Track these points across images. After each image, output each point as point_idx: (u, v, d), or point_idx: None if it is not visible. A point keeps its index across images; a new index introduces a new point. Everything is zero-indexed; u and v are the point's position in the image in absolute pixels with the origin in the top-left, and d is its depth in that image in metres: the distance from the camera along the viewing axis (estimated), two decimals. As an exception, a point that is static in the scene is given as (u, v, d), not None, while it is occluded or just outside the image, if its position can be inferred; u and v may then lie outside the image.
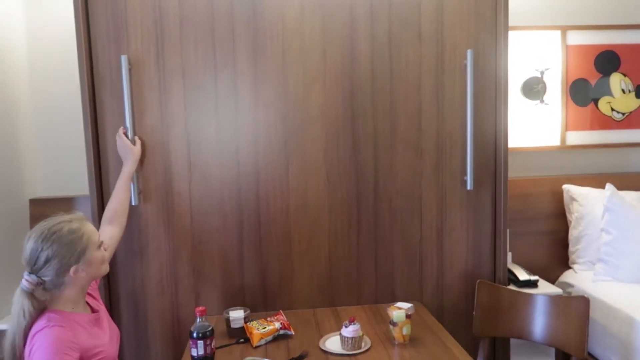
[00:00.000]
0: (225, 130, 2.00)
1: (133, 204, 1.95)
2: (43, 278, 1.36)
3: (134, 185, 1.93)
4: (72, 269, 1.38)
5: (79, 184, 2.45)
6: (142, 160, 1.97)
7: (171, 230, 2.01)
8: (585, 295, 1.84)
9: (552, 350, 2.31)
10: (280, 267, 2.07)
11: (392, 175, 2.09)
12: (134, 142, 1.91)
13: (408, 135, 2.09)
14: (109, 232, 1.74)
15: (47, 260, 1.35)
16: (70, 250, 1.37)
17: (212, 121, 2.00)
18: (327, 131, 2.05)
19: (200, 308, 1.49)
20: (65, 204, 2.37)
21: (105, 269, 1.52)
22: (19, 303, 1.36)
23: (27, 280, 1.35)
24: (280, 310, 1.97)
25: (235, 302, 2.05)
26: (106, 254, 1.52)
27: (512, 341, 2.42)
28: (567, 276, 2.55)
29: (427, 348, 1.69)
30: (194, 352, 1.46)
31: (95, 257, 1.44)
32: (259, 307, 2.07)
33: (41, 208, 2.36)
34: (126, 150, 1.88)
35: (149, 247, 2.00)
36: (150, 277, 2.01)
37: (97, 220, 1.90)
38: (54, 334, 1.30)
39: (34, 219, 2.35)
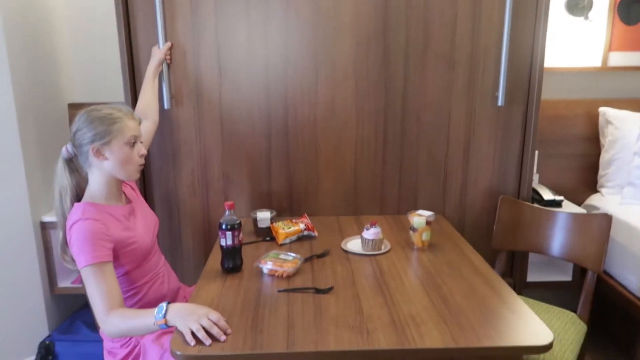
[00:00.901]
0: (255, 37, 2.00)
1: (165, 107, 2.01)
2: (75, 151, 1.48)
3: (166, 89, 1.98)
4: (92, 147, 1.44)
5: (114, 91, 2.51)
6: (173, 65, 2.00)
7: (202, 135, 2.07)
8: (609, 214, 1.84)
9: (569, 267, 2.35)
10: (307, 175, 2.13)
11: (422, 88, 2.07)
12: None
13: (441, 48, 2.04)
14: (143, 127, 1.82)
15: (76, 131, 1.46)
16: (96, 128, 1.44)
17: (243, 28, 1.99)
18: (358, 41, 2.02)
19: (229, 202, 1.57)
20: (101, 109, 2.44)
21: (132, 171, 1.51)
22: (58, 178, 1.50)
23: (66, 148, 1.49)
24: (305, 214, 2.05)
25: (262, 206, 2.14)
26: (138, 157, 1.52)
27: (529, 258, 2.46)
28: (593, 199, 2.54)
29: (445, 254, 1.75)
30: (222, 242, 1.56)
31: (122, 149, 1.46)
32: (284, 212, 2.16)
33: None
34: (152, 51, 1.93)
35: (181, 151, 2.08)
36: (182, 179, 2.11)
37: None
38: (87, 227, 1.39)
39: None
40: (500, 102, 2.07)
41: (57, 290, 2.26)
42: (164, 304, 1.29)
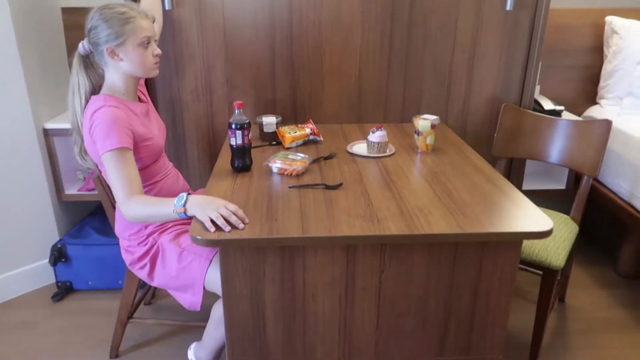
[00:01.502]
0: None
1: (167, 8, 1.95)
2: (91, 48, 1.47)
3: (166, -13, 1.91)
4: (107, 48, 1.43)
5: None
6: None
7: (205, 39, 2.03)
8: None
9: (563, 176, 2.42)
10: (311, 82, 2.12)
11: (430, -9, 2.02)
12: None
13: (450, -53, 1.97)
14: None
15: (90, 29, 1.44)
16: (110, 27, 1.42)
17: None
18: (365, -63, 1.93)
19: (238, 102, 1.57)
20: (96, 14, 2.36)
21: (148, 69, 1.51)
22: (74, 75, 1.50)
23: (82, 45, 1.49)
24: (310, 119, 2.06)
25: (266, 113, 2.14)
26: (152, 57, 1.50)
27: (526, 167, 2.53)
28: (592, 111, 2.57)
29: (449, 156, 1.79)
30: (232, 142, 1.58)
31: (136, 50, 1.46)
32: (289, 120, 2.16)
33: (73, 17, 2.36)
34: None
35: (184, 55, 2.04)
36: (185, 84, 2.09)
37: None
38: (112, 112, 1.41)
39: (67, 29, 2.37)
40: (509, 7, 2.03)
41: (65, 197, 2.30)
42: (184, 194, 1.33)
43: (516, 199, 1.45)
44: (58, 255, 2.18)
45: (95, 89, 1.52)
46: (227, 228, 1.24)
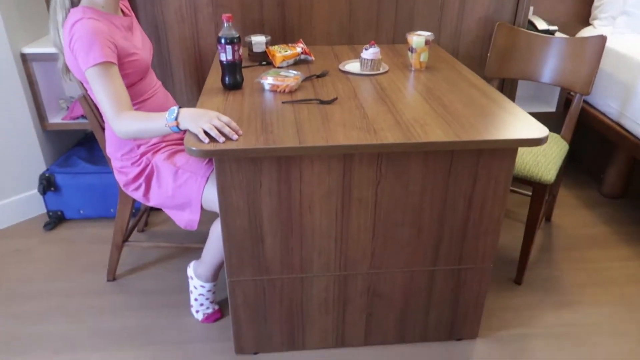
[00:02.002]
0: None
1: None
2: None
3: None
4: None
5: None
6: None
7: (187, -48, 1.92)
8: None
9: (553, 99, 2.42)
10: (300, 1, 2.03)
11: None
12: None
13: None
14: None
15: None
16: None
17: None
18: None
19: (227, 14, 1.50)
20: None
21: None
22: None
23: None
24: (301, 39, 2.00)
25: (254, 34, 2.07)
26: None
27: (517, 92, 2.52)
28: (585, 32, 2.53)
29: (443, 73, 1.77)
30: (222, 57, 1.53)
31: None
32: (278, 41, 2.09)
33: None
34: None
35: (166, -30, 1.94)
36: (169, 4, 1.99)
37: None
38: (92, 24, 1.34)
39: (38, -55, 2.22)
40: None
41: (49, 126, 2.24)
42: (175, 108, 1.29)
43: (512, 110, 1.44)
44: (47, 184, 2.14)
45: (75, 2, 1.44)
46: (221, 139, 1.22)
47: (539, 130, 1.31)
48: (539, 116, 2.48)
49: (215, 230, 1.54)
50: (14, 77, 2.08)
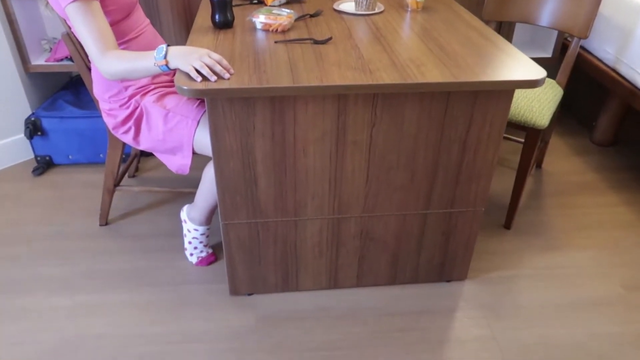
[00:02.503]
0: None
1: None
2: None
3: None
4: None
5: None
6: None
7: None
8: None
9: (549, 45, 2.38)
10: None
11: None
12: None
13: None
14: None
15: None
16: None
17: None
18: None
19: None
20: None
21: None
22: None
23: None
24: (293, -24, 1.92)
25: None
26: None
27: (514, 38, 2.48)
28: (585, -26, 2.46)
29: (440, 14, 1.72)
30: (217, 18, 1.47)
31: None
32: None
33: None
34: None
35: None
36: (153, -64, 1.89)
37: None
38: None
39: None
40: None
41: (32, 68, 2.16)
42: (163, 46, 1.25)
43: (509, 51, 1.41)
44: (33, 129, 2.10)
45: None
46: (213, 77, 1.18)
47: (536, 71, 1.28)
48: (536, 61, 2.45)
49: (208, 174, 1.52)
50: (-7, 15, 1.99)
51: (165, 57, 1.23)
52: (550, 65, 2.41)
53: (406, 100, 1.28)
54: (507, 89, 1.29)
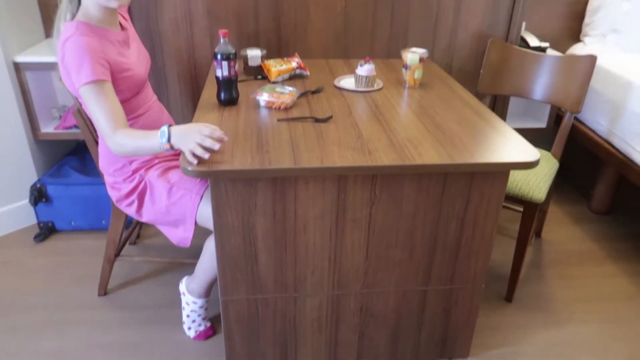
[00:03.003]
0: None
1: None
2: None
3: None
4: None
5: None
6: None
7: (183, -35, 1.92)
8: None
9: (544, 115, 2.45)
10: (296, 13, 2.04)
11: None
12: None
13: None
14: None
15: None
16: None
17: None
18: None
19: (224, 30, 1.51)
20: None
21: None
22: (62, 6, 1.42)
23: None
24: (296, 53, 2.00)
25: (249, 46, 2.06)
26: None
27: (509, 108, 2.55)
28: (575, 48, 2.57)
29: (436, 91, 1.78)
30: (218, 73, 1.53)
31: None
32: (273, 53, 2.10)
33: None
34: None
35: (161, -17, 1.94)
36: (164, 14, 1.99)
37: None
38: (83, 42, 1.33)
39: (32, -46, 2.21)
40: (500, -64, 1.96)
41: (41, 136, 2.22)
42: (165, 128, 1.28)
43: (504, 131, 1.46)
44: (38, 195, 2.13)
45: (74, 15, 1.43)
46: (206, 155, 1.21)
47: (530, 153, 1.32)
48: (530, 132, 2.54)
49: (209, 247, 1.53)
50: (7, 86, 2.06)
51: (169, 141, 1.27)
52: (545, 136, 2.47)
53: (404, 180, 1.31)
54: (502, 170, 1.33)
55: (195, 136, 1.23)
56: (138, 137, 1.33)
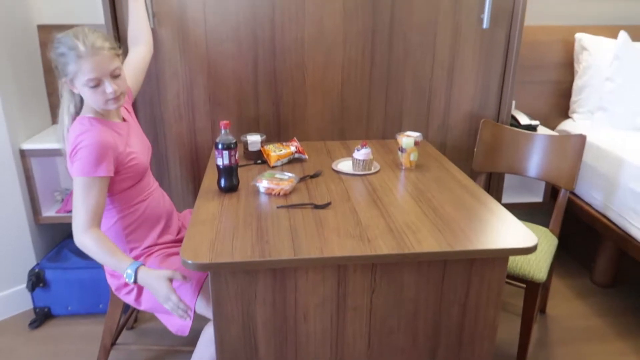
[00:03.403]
0: (239, -49, 1.92)
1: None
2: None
3: (148, 6, 1.90)
4: (64, 79, 1.42)
5: (87, 11, 2.37)
6: (154, -19, 1.91)
7: (186, 56, 2.02)
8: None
9: (540, 190, 2.49)
10: (294, 97, 2.12)
11: (409, 8, 2.05)
12: None
13: (428, -33, 2.02)
14: (134, 54, 1.77)
15: (52, 59, 1.41)
16: (58, 62, 1.39)
17: (226, -59, 1.90)
18: (346, -43, 1.96)
19: (225, 122, 1.57)
20: (73, 31, 2.32)
21: (100, 106, 1.43)
22: (64, 99, 1.49)
23: None
24: (295, 138, 2.07)
25: (249, 130, 2.14)
26: (102, 96, 1.41)
27: (505, 181, 2.59)
28: (565, 125, 2.65)
29: (432, 172, 1.82)
30: (219, 162, 1.57)
31: (83, 89, 1.40)
32: (272, 137, 2.16)
33: (50, 34, 2.30)
34: None
35: (166, 72, 2.03)
36: (167, 102, 2.07)
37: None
38: (99, 137, 1.39)
39: (43, 46, 2.33)
40: (485, 25, 2.08)
41: (42, 220, 2.24)
42: (131, 272, 1.35)
43: (500, 214, 1.48)
44: (36, 281, 2.11)
45: (78, 111, 1.50)
46: (186, 317, 1.34)
47: (528, 238, 1.33)
48: (527, 206, 2.56)
49: (207, 334, 1.50)
50: (11, 172, 2.11)
51: (135, 282, 1.36)
52: (542, 210, 2.50)
53: (404, 267, 1.32)
54: (501, 257, 1.33)
55: (164, 303, 1.34)
56: (104, 251, 1.36)
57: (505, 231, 1.38)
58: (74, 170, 1.38)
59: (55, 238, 2.42)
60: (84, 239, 1.36)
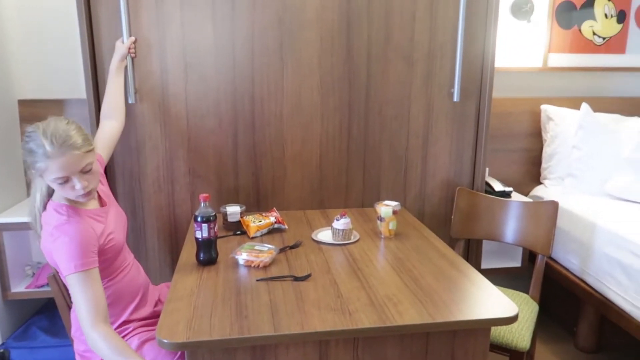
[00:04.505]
0: (221, 31, 2.01)
1: (130, 102, 1.98)
2: None
3: (130, 83, 1.95)
4: (33, 172, 1.37)
5: (67, 87, 2.42)
6: (138, 59, 1.97)
7: (167, 130, 2.05)
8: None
9: (518, 254, 2.51)
10: (273, 170, 2.16)
11: (384, 84, 2.15)
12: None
13: (401, 45, 2.14)
14: (108, 127, 1.78)
15: (22, 150, 1.37)
16: (25, 156, 1.35)
17: (208, 22, 1.99)
18: (322, 36, 2.07)
19: (204, 195, 1.57)
20: (55, 106, 2.36)
21: (72, 197, 1.39)
22: (36, 184, 1.45)
23: None
24: (274, 207, 2.08)
25: (229, 201, 2.15)
26: (71, 191, 1.37)
27: (483, 246, 2.61)
28: (538, 190, 2.73)
29: (411, 241, 1.84)
30: (198, 235, 1.56)
31: (52, 184, 1.37)
32: (252, 208, 2.17)
33: (31, 109, 2.35)
34: (116, 45, 1.90)
35: (146, 146, 2.05)
36: (147, 175, 2.08)
37: (95, 125, 1.94)
38: (76, 232, 1.35)
39: (24, 120, 2.34)
40: (455, 98, 2.19)
41: (10, 296, 2.15)
42: None
43: (481, 284, 1.48)
44: (0, 361, 2.00)
45: (50, 192, 1.47)
46: None
47: (508, 307, 1.34)
48: (506, 271, 2.58)
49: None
50: (-19, 247, 2.05)
51: None
52: (521, 275, 2.51)
53: (387, 341, 1.29)
54: (483, 327, 1.33)
55: None
56: (115, 349, 1.28)
57: (486, 301, 1.38)
58: (63, 269, 1.34)
59: (25, 314, 2.31)
60: (94, 335, 1.30)
